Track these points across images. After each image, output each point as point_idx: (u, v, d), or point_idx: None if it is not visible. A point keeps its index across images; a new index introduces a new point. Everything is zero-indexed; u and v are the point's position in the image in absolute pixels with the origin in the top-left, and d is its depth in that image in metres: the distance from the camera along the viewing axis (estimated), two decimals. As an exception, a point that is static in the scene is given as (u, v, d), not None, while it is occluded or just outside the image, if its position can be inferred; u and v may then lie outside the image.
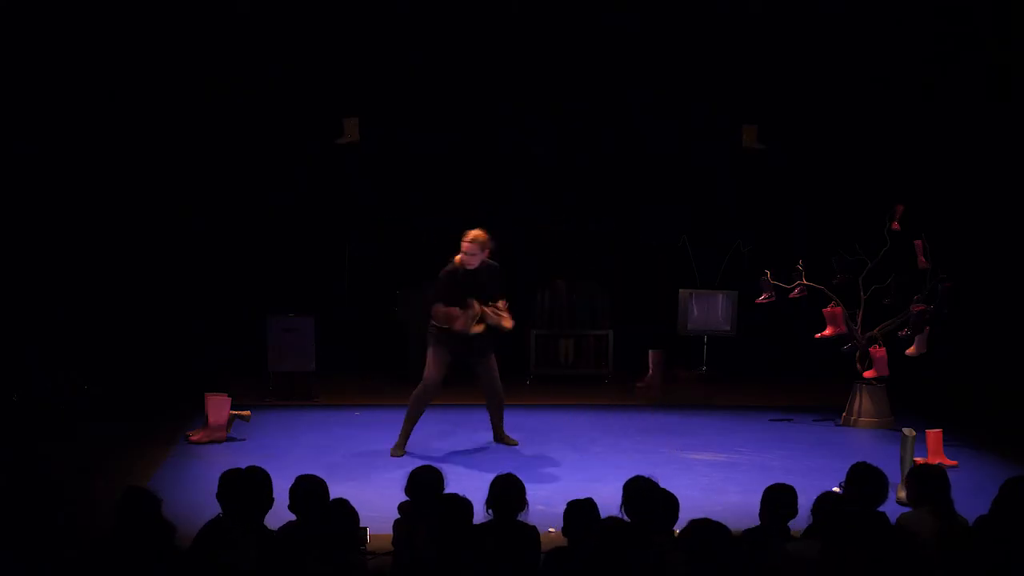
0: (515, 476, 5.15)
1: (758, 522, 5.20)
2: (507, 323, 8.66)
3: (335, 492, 5.13)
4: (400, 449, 8.66)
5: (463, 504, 4.89)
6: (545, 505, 6.49)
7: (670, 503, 5.04)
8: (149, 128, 11.54)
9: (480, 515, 5.03)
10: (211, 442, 8.84)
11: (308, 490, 5.06)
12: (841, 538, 4.65)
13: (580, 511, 4.94)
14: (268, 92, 11.64)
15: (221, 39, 11.16)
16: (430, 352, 8.73)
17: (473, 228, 8.58)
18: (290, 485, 5.11)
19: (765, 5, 11.38)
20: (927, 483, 5.23)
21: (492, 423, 9.12)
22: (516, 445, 9.02)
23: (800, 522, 5.15)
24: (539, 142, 12.41)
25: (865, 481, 5.18)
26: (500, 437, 9.11)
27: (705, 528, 4.49)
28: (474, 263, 8.52)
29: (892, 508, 5.27)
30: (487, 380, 8.87)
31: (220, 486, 4.96)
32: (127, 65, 11.08)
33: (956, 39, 11.09)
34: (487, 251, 8.58)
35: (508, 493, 5.06)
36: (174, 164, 11.79)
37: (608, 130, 12.44)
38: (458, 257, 8.56)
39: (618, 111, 12.30)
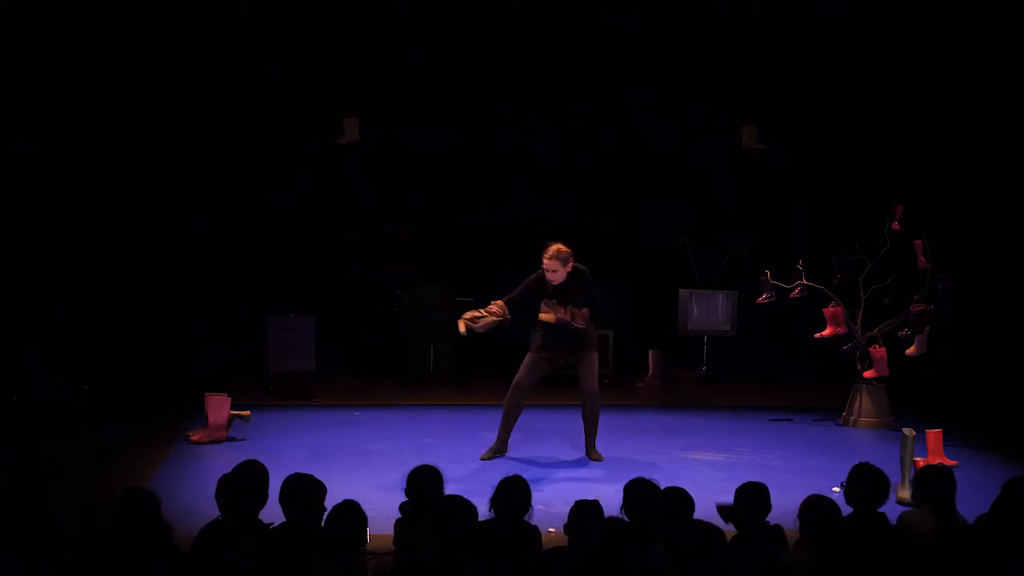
0: (521, 478, 5.15)
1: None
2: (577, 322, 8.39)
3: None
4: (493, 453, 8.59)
5: (464, 505, 4.88)
6: (545, 505, 6.48)
7: (678, 500, 5.02)
8: (149, 128, 11.55)
9: (482, 514, 5.03)
10: (211, 442, 8.84)
11: (298, 489, 5.04)
12: (840, 540, 4.66)
13: (585, 511, 4.94)
14: (268, 92, 11.64)
15: (221, 39, 11.16)
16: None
17: (554, 242, 8.37)
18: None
19: (765, 5, 11.38)
20: (931, 484, 5.24)
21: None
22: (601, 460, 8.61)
23: (789, 524, 5.13)
24: (539, 142, 12.42)
25: (865, 481, 5.18)
26: (590, 451, 8.70)
27: (698, 531, 4.49)
28: (558, 279, 8.33)
29: (892, 508, 5.27)
30: (580, 380, 8.64)
31: (218, 489, 4.96)
32: (127, 65, 11.08)
33: (956, 39, 11.10)
34: (570, 264, 8.33)
35: (512, 494, 5.06)
36: (174, 164, 11.80)
37: (608, 130, 12.45)
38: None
39: (618, 111, 12.30)
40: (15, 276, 10.82)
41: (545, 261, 8.32)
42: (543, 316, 8.45)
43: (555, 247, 8.31)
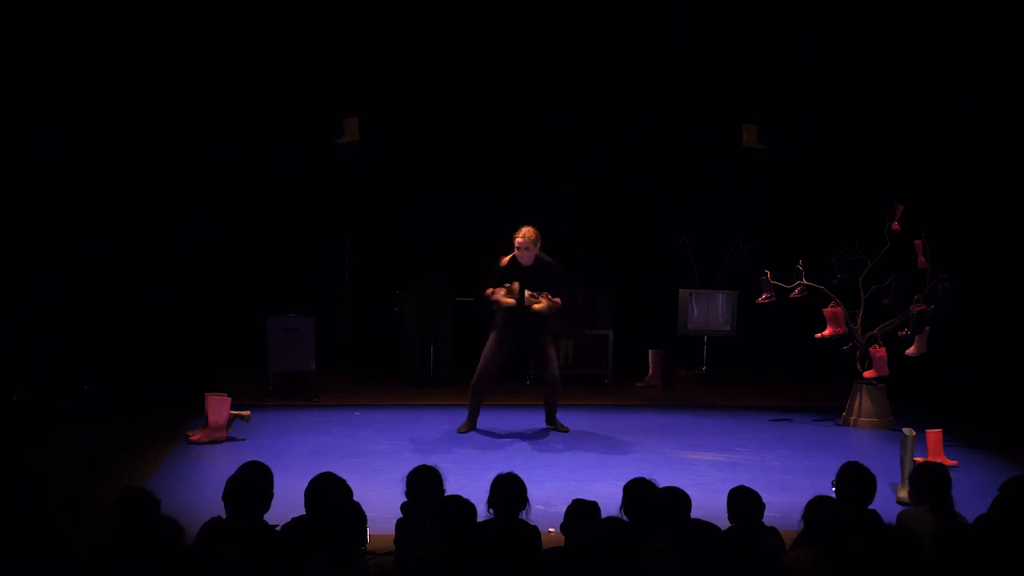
0: (516, 475, 5.15)
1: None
2: (537, 305, 9.15)
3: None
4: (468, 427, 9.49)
5: (464, 505, 4.88)
6: (545, 505, 6.49)
7: (675, 501, 5.03)
8: (149, 129, 11.54)
9: (482, 515, 5.03)
10: (211, 442, 8.84)
11: (328, 487, 5.07)
12: (837, 540, 4.67)
13: (582, 511, 4.94)
14: (268, 92, 11.64)
15: (221, 39, 11.17)
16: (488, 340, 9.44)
17: (523, 226, 9.23)
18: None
19: (765, 5, 11.38)
20: (928, 482, 5.26)
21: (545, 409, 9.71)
22: (567, 432, 9.51)
23: (794, 524, 5.14)
24: (540, 142, 12.41)
25: (853, 480, 5.20)
26: (551, 422, 9.67)
27: (697, 530, 4.49)
28: (528, 259, 9.15)
29: (892, 508, 5.27)
30: (541, 369, 9.62)
31: (227, 488, 4.98)
32: (127, 66, 11.08)
33: (956, 39, 11.10)
34: (537, 248, 9.23)
35: (509, 492, 5.06)
36: (174, 165, 11.79)
37: (608, 130, 12.44)
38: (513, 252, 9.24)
39: (618, 111, 12.29)
40: (15, 277, 10.81)
41: (518, 240, 9.18)
42: (502, 300, 9.17)
43: (528, 227, 9.20)
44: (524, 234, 9.16)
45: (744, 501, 5.07)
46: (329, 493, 5.05)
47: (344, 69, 11.69)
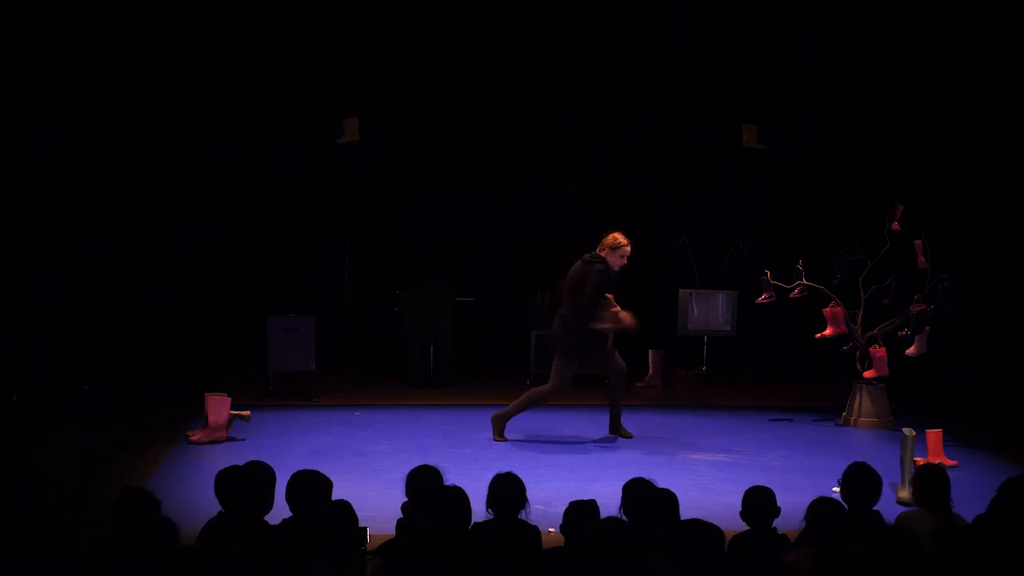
0: (514, 475, 5.14)
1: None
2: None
3: (335, 493, 5.12)
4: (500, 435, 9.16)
5: (460, 496, 4.87)
6: (545, 505, 6.49)
7: (668, 501, 5.04)
8: (149, 129, 11.54)
9: (480, 514, 5.03)
10: (211, 442, 8.83)
11: (306, 484, 5.07)
12: (837, 540, 4.67)
13: (581, 512, 4.94)
14: (268, 92, 11.64)
15: (221, 39, 11.17)
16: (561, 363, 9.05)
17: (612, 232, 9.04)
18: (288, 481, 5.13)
19: (765, 5, 11.38)
20: (929, 483, 5.26)
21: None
22: (631, 438, 9.26)
23: (794, 524, 5.13)
24: (540, 142, 12.42)
25: (856, 480, 5.20)
26: (616, 428, 9.38)
27: (697, 529, 4.49)
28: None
29: (892, 508, 5.27)
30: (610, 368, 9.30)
31: (217, 483, 4.99)
32: (127, 67, 11.09)
33: (956, 39, 11.10)
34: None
35: (507, 492, 5.06)
36: (174, 165, 11.80)
37: (609, 130, 12.44)
38: (614, 261, 8.93)
39: (618, 111, 12.30)
40: (15, 276, 10.81)
41: (627, 247, 8.96)
42: (625, 320, 8.91)
43: (617, 234, 8.95)
44: (627, 242, 8.95)
45: (760, 501, 5.06)
46: (309, 490, 5.04)
47: (344, 69, 11.69)
